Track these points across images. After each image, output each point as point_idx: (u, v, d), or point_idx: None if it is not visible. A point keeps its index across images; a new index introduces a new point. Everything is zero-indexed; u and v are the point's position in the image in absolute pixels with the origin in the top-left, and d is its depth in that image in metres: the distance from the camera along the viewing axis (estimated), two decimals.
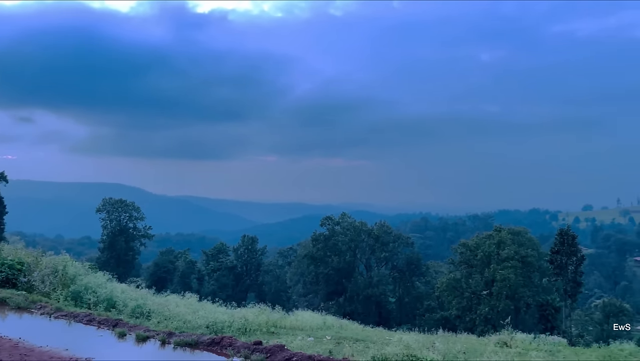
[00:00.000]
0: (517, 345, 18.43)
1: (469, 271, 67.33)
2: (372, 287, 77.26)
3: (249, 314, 18.33)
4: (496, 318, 55.06)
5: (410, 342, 12.92)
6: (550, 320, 54.95)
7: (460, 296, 65.06)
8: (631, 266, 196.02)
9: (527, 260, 62.17)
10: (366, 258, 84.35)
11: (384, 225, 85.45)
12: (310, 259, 79.47)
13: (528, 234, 71.78)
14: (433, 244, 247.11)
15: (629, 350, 20.64)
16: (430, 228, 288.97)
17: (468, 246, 68.92)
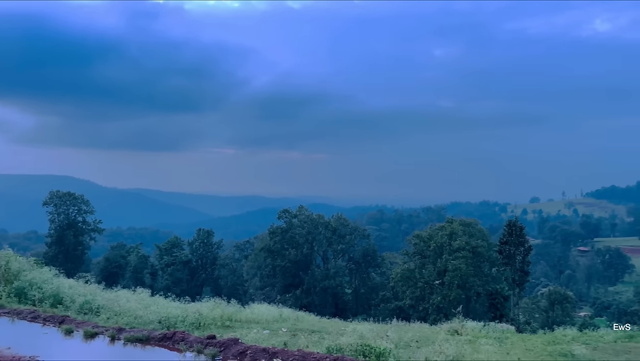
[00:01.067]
0: (467, 333, 19.03)
1: (422, 261, 68.80)
2: (329, 279, 77.78)
3: (203, 308, 18.11)
4: (448, 307, 56.63)
5: (364, 332, 13.09)
6: (499, 308, 56.94)
7: (414, 286, 66.44)
8: (575, 256, 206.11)
9: (478, 250, 64.19)
10: (323, 250, 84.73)
11: (341, 218, 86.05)
12: (268, 252, 79.11)
13: (478, 226, 74.04)
14: (389, 236, 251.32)
15: (572, 335, 21.70)
16: (386, 220, 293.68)
17: (422, 237, 70.39)
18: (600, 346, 18.21)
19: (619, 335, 21.62)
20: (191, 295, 34.60)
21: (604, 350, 17.29)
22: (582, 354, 15.42)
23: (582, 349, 16.11)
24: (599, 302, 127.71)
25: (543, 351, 16.11)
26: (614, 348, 18.06)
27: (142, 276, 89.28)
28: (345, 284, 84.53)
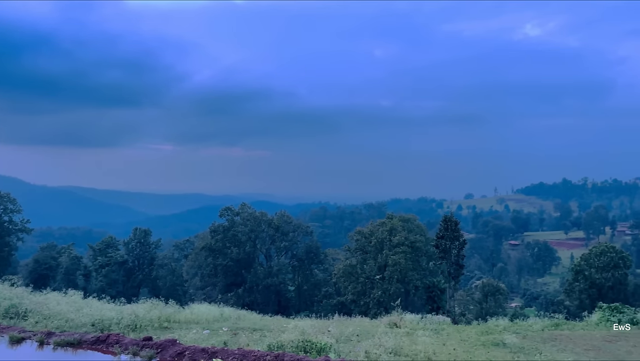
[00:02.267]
0: (406, 325, 19.55)
1: (364, 257, 69.98)
2: (272, 276, 77.44)
3: (140, 310, 17.55)
4: (388, 301, 57.97)
5: (305, 328, 13.13)
6: (436, 301, 58.98)
7: (355, 281, 67.43)
8: (506, 249, 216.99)
9: (416, 245, 66.12)
10: (266, 248, 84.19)
11: (284, 215, 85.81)
12: (209, 251, 77.63)
13: (417, 221, 76.24)
14: (331, 232, 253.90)
15: (503, 325, 22.84)
16: (329, 217, 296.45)
17: (363, 233, 71.57)
18: (530, 335, 19.27)
19: (546, 324, 23.01)
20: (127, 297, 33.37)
21: (533, 338, 18.29)
22: (513, 343, 16.22)
23: (513, 338, 16.94)
24: (529, 293, 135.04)
25: (477, 341, 16.81)
26: (542, 336, 19.16)
27: (74, 278, 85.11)
28: (288, 282, 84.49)
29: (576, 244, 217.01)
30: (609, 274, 63.31)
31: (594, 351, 16.21)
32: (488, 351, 14.80)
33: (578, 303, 63.61)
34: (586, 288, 64.49)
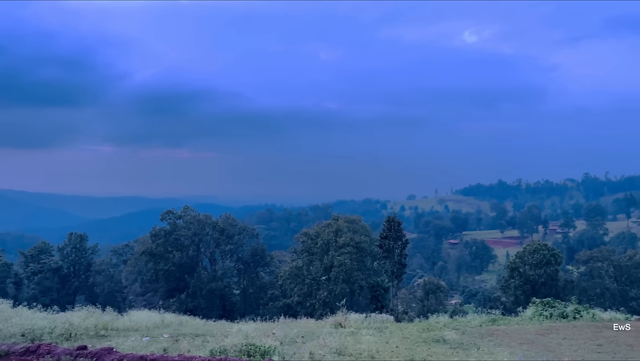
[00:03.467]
0: (350, 325, 19.74)
1: (310, 258, 70.21)
2: (216, 281, 76.04)
3: (75, 318, 16.74)
4: (334, 301, 58.39)
5: (249, 332, 12.96)
6: (380, 300, 60.03)
7: (301, 283, 67.51)
8: (446, 248, 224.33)
9: (361, 246, 67.11)
10: (210, 251, 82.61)
11: (230, 217, 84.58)
12: (149, 255, 75.18)
13: (362, 222, 77.40)
14: (278, 234, 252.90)
15: (444, 321, 23.54)
16: (275, 219, 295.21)
17: (309, 235, 71.85)
18: (468, 331, 19.96)
19: (484, 320, 23.92)
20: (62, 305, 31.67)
21: (471, 334, 18.96)
22: (453, 339, 16.73)
23: (453, 334, 17.49)
24: (468, 290, 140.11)
25: (418, 338, 17.22)
26: (480, 332, 19.90)
27: (4, 286, 79.96)
28: (233, 285, 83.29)
29: (511, 243, 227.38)
30: (542, 270, 66.74)
31: (528, 344, 17.00)
32: (429, 348, 15.19)
33: (514, 299, 66.60)
34: (521, 284, 67.65)
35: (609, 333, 19.81)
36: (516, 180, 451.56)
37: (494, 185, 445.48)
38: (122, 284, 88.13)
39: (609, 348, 16.67)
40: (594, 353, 15.76)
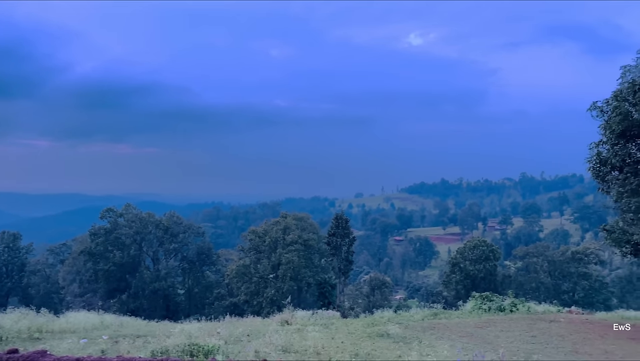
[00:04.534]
0: (297, 322, 19.75)
1: (257, 256, 69.78)
2: (160, 280, 74.08)
3: (6, 320, 15.84)
4: (281, 299, 58.29)
5: (192, 331, 12.69)
6: (327, 296, 60.52)
7: (249, 281, 66.98)
8: (392, 245, 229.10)
9: (309, 243, 67.40)
10: (153, 250, 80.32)
11: (174, 215, 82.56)
12: (88, 255, 72.23)
13: (310, 220, 77.65)
14: (225, 232, 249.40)
15: (388, 316, 24.01)
16: (223, 217, 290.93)
17: (257, 233, 71.36)
18: (411, 325, 20.47)
19: (426, 314, 24.60)
20: None
21: (414, 328, 19.45)
22: (396, 333, 17.10)
23: (396, 328, 17.87)
24: (412, 285, 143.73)
25: (363, 333, 17.48)
26: (422, 326, 20.46)
27: None
28: (177, 285, 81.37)
29: (453, 239, 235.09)
30: (481, 266, 69.50)
31: (468, 337, 17.64)
32: (373, 342, 15.45)
33: (455, 293, 68.95)
34: (462, 279, 70.15)
35: (542, 325, 20.88)
36: (458, 179, 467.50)
37: (437, 184, 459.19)
38: (59, 285, 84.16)
39: (542, 338, 17.57)
40: (529, 343, 16.56)
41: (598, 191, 22.63)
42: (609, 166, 19.90)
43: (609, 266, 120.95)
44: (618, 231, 22.38)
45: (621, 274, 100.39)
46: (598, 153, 20.47)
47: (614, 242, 22.76)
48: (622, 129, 19.10)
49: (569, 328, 20.03)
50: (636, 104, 18.64)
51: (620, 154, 19.31)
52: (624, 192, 19.53)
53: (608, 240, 23.73)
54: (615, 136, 19.45)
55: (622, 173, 19.63)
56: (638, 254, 21.76)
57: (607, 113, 20.17)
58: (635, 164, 19.45)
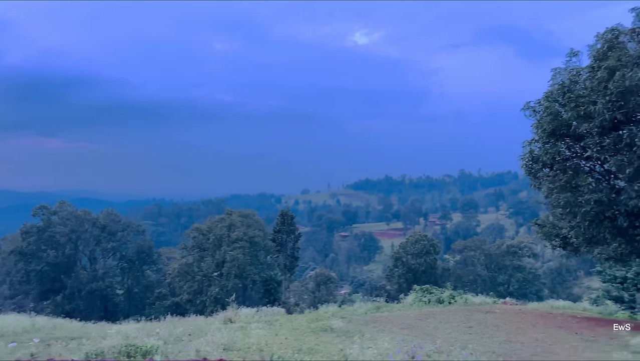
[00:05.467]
0: (241, 320, 19.56)
1: (201, 254, 68.67)
2: (97, 281, 71.35)
3: None
4: (225, 297, 57.59)
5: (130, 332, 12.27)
6: (273, 293, 60.44)
7: (192, 280, 65.78)
8: (337, 240, 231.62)
9: (254, 240, 66.98)
10: (90, 249, 77.24)
11: (112, 213, 79.68)
12: (19, 255, 68.46)
13: (256, 217, 77.14)
14: (167, 230, 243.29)
15: (332, 311, 24.26)
16: (164, 215, 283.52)
17: (201, 230, 70.22)
18: (354, 319, 20.78)
19: (369, 308, 25.07)
20: None
21: (357, 322, 19.76)
22: (339, 327, 17.30)
23: (340, 323, 18.07)
24: (356, 280, 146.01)
25: (307, 328, 17.56)
26: (365, 319, 20.81)
27: None
28: (116, 285, 78.64)
29: (396, 234, 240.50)
30: (422, 260, 71.63)
31: (408, 329, 18.13)
32: (317, 337, 15.56)
33: (397, 287, 70.66)
34: (404, 272, 72.02)
35: (479, 315, 21.79)
36: (401, 176, 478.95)
37: (382, 180, 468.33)
38: None
39: (479, 329, 18.34)
40: (466, 334, 17.23)
41: (530, 188, 23.83)
42: (540, 163, 20.98)
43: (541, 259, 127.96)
44: (548, 225, 23.70)
45: (552, 267, 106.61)
46: (530, 151, 21.53)
47: (545, 236, 24.10)
48: (553, 128, 20.19)
49: (504, 319, 21.01)
50: (565, 105, 19.73)
51: (550, 152, 20.40)
52: (553, 188, 20.67)
53: (539, 234, 25.09)
54: (546, 135, 20.53)
55: (552, 170, 20.76)
56: (567, 247, 23.11)
57: (539, 113, 21.25)
58: (564, 162, 20.62)
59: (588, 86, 19.35)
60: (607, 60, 18.48)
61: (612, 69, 18.06)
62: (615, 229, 19.54)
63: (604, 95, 18.11)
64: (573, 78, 20.65)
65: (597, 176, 20.86)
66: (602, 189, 19.05)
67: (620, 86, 17.46)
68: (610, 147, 18.35)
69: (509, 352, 14.21)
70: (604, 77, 18.33)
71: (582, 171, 20.58)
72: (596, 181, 20.25)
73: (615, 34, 19.90)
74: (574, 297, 62.33)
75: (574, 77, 20.68)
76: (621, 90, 17.54)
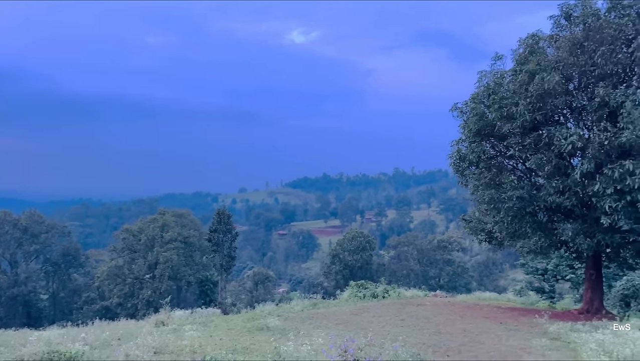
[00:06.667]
0: (174, 322, 19.03)
1: (132, 256, 66.33)
2: (19, 285, 67.23)
3: None
4: (159, 300, 55.93)
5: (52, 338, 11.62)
6: (209, 294, 59.39)
7: (122, 282, 63.36)
8: (275, 239, 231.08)
9: (189, 241, 65.52)
10: (11, 253, 72.68)
11: (35, 214, 75.28)
12: None
13: (191, 216, 75.44)
14: (95, 232, 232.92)
15: (269, 309, 24.17)
16: (92, 215, 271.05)
17: (131, 231, 67.83)
18: (291, 316, 20.81)
19: (305, 305, 25.18)
20: None
21: (293, 319, 19.81)
22: (276, 326, 17.28)
23: (276, 321, 18.04)
24: (294, 278, 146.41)
25: (243, 328, 17.41)
26: (301, 316, 20.90)
27: None
28: (40, 290, 74.33)
29: (334, 232, 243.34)
30: (359, 256, 73.08)
31: (343, 324, 18.42)
32: (252, 336, 15.46)
33: (334, 283, 71.65)
34: (341, 269, 73.13)
35: (411, 308, 22.49)
36: (338, 174, 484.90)
37: (319, 178, 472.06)
38: None
39: (410, 321, 18.95)
40: (398, 327, 17.75)
41: (459, 185, 24.90)
42: (467, 161, 21.95)
43: (469, 253, 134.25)
44: (475, 220, 24.88)
45: (480, 260, 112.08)
46: (458, 150, 22.49)
47: (471, 230, 25.28)
48: (478, 128, 21.19)
49: (434, 311, 21.83)
50: (490, 106, 20.76)
51: (476, 151, 21.40)
52: (479, 185, 21.70)
53: (466, 229, 26.28)
54: (472, 135, 21.52)
55: (478, 168, 21.79)
56: (491, 241, 24.35)
57: (466, 114, 22.23)
58: (488, 160, 21.70)
59: (511, 88, 20.42)
60: (528, 64, 19.61)
61: (532, 72, 19.18)
62: (536, 224, 20.82)
63: (525, 97, 19.20)
64: (497, 81, 21.76)
65: (519, 173, 22.10)
66: (524, 186, 20.20)
67: (539, 88, 18.59)
68: (531, 146, 19.49)
69: (438, 343, 14.80)
70: (525, 80, 19.43)
71: (505, 169, 21.74)
72: (518, 179, 21.47)
73: (535, 39, 21.20)
74: (499, 289, 65.98)
75: (498, 79, 21.79)
76: (540, 92, 18.67)
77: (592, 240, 18.70)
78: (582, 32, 19.39)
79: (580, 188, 18.12)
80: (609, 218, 17.17)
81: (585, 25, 19.54)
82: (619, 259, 21.70)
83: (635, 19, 18.50)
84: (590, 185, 17.54)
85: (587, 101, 19.00)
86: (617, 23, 18.48)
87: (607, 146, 17.16)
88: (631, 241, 19.30)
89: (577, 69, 19.16)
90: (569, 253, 22.52)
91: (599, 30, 18.47)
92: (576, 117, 19.94)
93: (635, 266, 22.95)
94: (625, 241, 19.40)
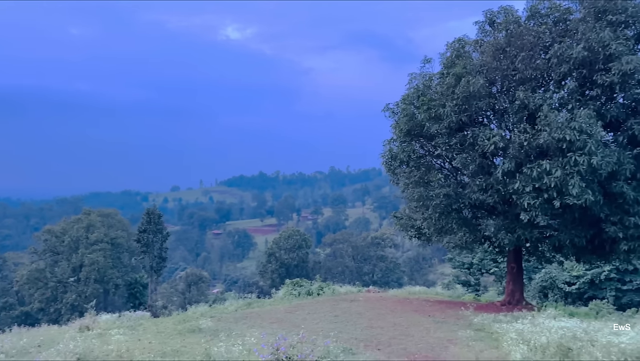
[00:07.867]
0: (99, 327, 18.22)
1: (54, 258, 62.75)
2: None
3: None
4: (84, 304, 53.27)
5: None
6: (138, 297, 57.28)
7: (44, 287, 59.77)
8: (210, 238, 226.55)
9: (117, 241, 62.95)
10: None
11: None
12: None
13: (118, 216, 72.42)
14: (13, 233, 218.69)
15: (201, 311, 23.68)
16: (10, 215, 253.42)
17: (54, 232, 64.19)
18: (224, 317, 20.53)
19: (240, 305, 24.92)
20: None
21: (227, 320, 19.56)
22: (208, 327, 16.98)
23: (209, 322, 17.73)
24: (229, 278, 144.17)
25: (174, 330, 16.96)
26: (235, 316, 20.67)
27: None
28: None
29: (270, 230, 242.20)
30: (295, 254, 73.29)
31: (278, 322, 18.41)
32: (183, 339, 15.11)
33: (270, 282, 71.47)
34: (277, 268, 73.02)
35: (344, 304, 22.87)
36: (275, 172, 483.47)
37: (256, 176, 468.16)
38: None
39: (344, 317, 19.27)
40: (332, 323, 18.00)
41: (391, 183, 25.62)
42: (398, 160, 22.63)
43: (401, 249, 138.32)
44: (405, 217, 25.70)
45: (411, 256, 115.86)
46: (390, 149, 23.13)
47: (402, 227, 26.10)
48: (408, 128, 21.90)
49: (367, 306, 22.33)
50: (419, 107, 21.52)
51: (406, 151, 22.12)
52: (409, 183, 22.44)
53: (397, 225, 27.10)
54: (402, 135, 22.21)
55: (408, 167, 22.54)
56: (420, 237, 25.27)
57: (397, 114, 22.91)
58: (418, 160, 22.49)
59: (439, 90, 21.27)
60: (455, 67, 20.51)
61: (458, 75, 20.07)
62: (461, 220, 21.82)
63: (451, 99, 20.06)
64: (426, 83, 22.59)
65: (445, 172, 23.08)
66: (450, 184, 21.12)
67: (465, 91, 19.49)
68: (457, 146, 20.40)
69: (370, 337, 15.17)
70: (451, 83, 20.30)
71: (433, 168, 22.65)
72: (445, 177, 22.43)
73: (462, 44, 22.21)
74: (429, 283, 68.60)
75: (427, 82, 22.62)
76: (466, 95, 19.58)
77: (512, 235, 19.79)
78: (505, 38, 20.51)
79: (502, 186, 19.16)
80: (528, 214, 18.23)
81: (507, 31, 20.68)
82: (538, 253, 23.16)
83: (552, 27, 19.82)
84: (511, 183, 18.58)
85: (509, 104, 20.11)
86: (536, 30, 19.69)
87: (526, 146, 18.24)
88: (548, 235, 20.68)
89: (500, 73, 20.22)
90: (492, 247, 23.74)
91: (520, 36, 19.61)
92: (498, 119, 21.06)
93: (552, 260, 24.58)
94: (543, 236, 20.75)
